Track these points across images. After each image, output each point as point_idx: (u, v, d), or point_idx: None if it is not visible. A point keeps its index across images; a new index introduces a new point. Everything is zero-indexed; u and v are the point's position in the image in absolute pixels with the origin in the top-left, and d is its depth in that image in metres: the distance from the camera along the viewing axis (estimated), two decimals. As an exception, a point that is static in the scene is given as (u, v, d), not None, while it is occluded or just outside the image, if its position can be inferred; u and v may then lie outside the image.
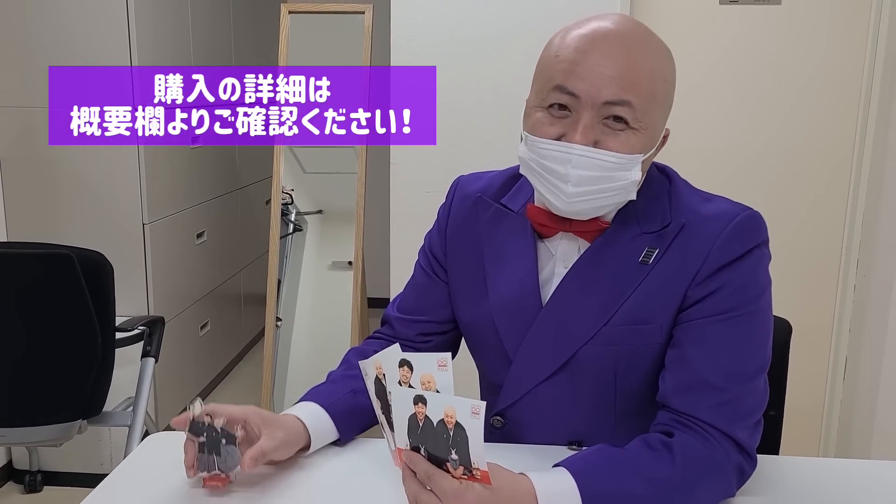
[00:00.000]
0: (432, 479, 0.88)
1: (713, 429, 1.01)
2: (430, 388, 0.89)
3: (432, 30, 2.35)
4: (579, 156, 1.00)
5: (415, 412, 0.88)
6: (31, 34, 2.61)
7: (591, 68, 0.99)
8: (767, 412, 1.37)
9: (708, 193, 1.13)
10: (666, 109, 1.06)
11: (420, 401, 0.87)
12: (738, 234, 1.05)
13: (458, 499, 0.87)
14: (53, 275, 1.92)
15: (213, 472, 1.00)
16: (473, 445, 0.85)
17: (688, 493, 0.98)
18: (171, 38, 2.94)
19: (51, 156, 2.68)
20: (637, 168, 1.02)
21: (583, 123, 1.00)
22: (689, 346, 1.04)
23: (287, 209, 2.93)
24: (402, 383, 0.91)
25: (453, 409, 0.86)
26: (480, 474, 0.87)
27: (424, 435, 0.88)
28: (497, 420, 1.19)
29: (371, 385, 0.96)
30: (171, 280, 2.97)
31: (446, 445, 0.87)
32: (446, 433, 0.86)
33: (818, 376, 2.51)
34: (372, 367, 0.95)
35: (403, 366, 0.90)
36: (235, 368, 3.79)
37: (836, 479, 1.10)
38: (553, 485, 0.93)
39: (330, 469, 1.10)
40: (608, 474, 0.95)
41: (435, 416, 0.87)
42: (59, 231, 2.70)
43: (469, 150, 2.38)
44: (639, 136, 1.01)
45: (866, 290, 2.37)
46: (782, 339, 1.38)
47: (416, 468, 0.90)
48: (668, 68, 1.05)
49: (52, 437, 2.03)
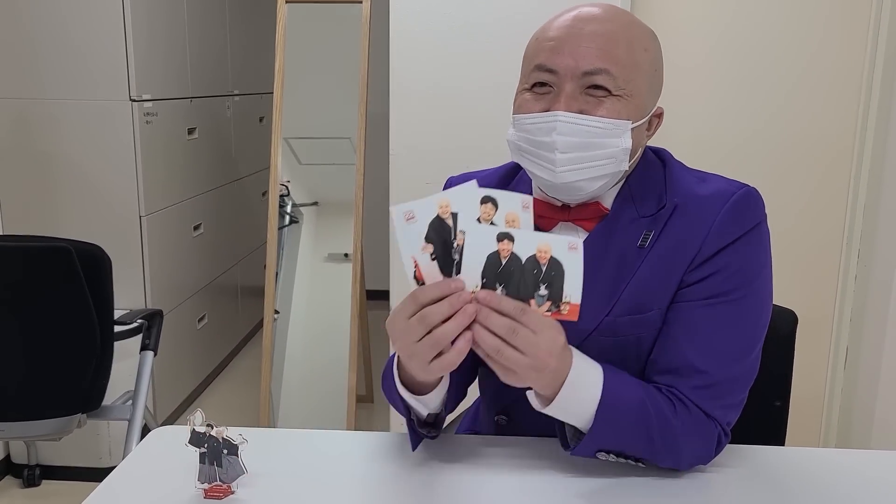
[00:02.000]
0: (526, 313, 0.88)
1: (696, 406, 1.04)
2: (514, 226, 0.88)
3: (431, 19, 2.33)
4: (564, 122, 1.00)
5: (498, 249, 0.87)
6: (25, 24, 2.58)
7: (570, 44, 1.01)
8: (772, 403, 1.39)
9: (703, 172, 1.12)
10: (651, 80, 1.05)
11: (506, 237, 0.87)
12: (735, 215, 1.05)
13: (553, 329, 0.90)
14: (52, 268, 1.91)
15: (214, 483, 0.99)
16: (571, 279, 0.87)
17: (679, 439, 1.02)
18: (166, 27, 2.91)
19: (47, 148, 2.66)
20: (627, 135, 1.02)
21: (565, 94, 1.01)
22: (678, 328, 1.05)
23: (283, 201, 2.91)
24: (481, 220, 0.89)
25: (548, 244, 0.87)
26: (570, 308, 0.89)
27: (507, 272, 0.88)
28: (501, 419, 1.19)
29: (420, 228, 0.90)
30: (168, 273, 2.96)
31: (535, 282, 0.87)
32: (537, 269, 0.86)
33: (819, 366, 2.51)
34: (432, 207, 0.89)
35: (487, 202, 0.89)
36: (233, 361, 3.78)
37: (837, 470, 1.10)
38: (583, 369, 0.97)
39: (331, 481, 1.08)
40: (631, 390, 1.00)
41: (524, 253, 0.87)
42: (55, 224, 2.68)
43: (469, 139, 2.37)
44: (623, 102, 1.01)
45: (867, 280, 2.38)
46: (788, 330, 1.38)
47: (502, 306, 0.88)
48: (649, 41, 1.06)
49: (50, 431, 2.02)
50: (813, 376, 2.51)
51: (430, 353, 0.90)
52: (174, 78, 2.99)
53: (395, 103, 2.37)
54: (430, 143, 2.38)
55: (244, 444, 0.99)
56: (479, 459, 1.09)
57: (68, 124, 2.65)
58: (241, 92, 3.72)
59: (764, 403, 1.37)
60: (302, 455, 1.12)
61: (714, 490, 1.04)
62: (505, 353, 0.88)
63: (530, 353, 0.88)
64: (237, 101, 3.68)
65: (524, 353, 0.88)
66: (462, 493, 1.02)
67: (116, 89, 2.63)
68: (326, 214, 2.98)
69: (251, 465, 1.02)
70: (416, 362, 0.91)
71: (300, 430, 1.22)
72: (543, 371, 0.91)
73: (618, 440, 1.00)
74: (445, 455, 1.11)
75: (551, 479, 1.04)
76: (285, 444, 1.17)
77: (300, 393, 2.78)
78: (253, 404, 3.18)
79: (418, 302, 0.89)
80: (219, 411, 3.25)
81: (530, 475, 1.06)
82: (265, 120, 3.99)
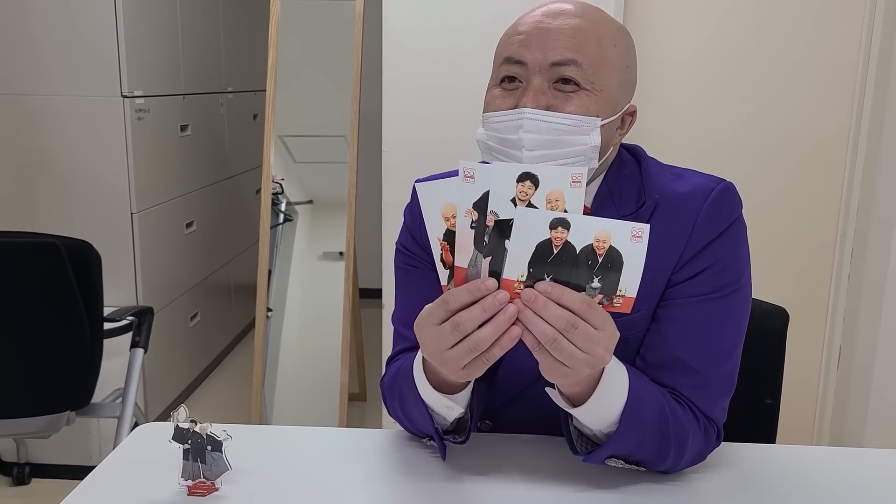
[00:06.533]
0: (592, 310, 0.82)
1: (695, 407, 1.03)
2: (557, 208, 0.79)
3: (424, 17, 2.32)
4: (530, 119, 0.97)
5: (550, 237, 0.79)
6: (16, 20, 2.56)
7: (539, 38, 1.00)
8: (764, 400, 1.38)
9: (678, 168, 1.11)
10: (622, 76, 1.03)
11: (560, 224, 0.78)
12: (716, 211, 1.04)
13: (612, 325, 0.84)
14: (40, 264, 1.89)
15: (198, 480, 0.98)
16: (630, 270, 0.79)
17: (689, 442, 1.01)
18: (158, 22, 2.90)
19: (37, 144, 2.64)
20: (596, 132, 0.99)
21: (532, 88, 0.99)
22: (668, 325, 1.04)
23: (277, 199, 2.90)
24: (517, 201, 0.80)
25: (608, 232, 0.78)
26: (623, 301, 0.81)
27: (558, 263, 0.79)
28: (485, 424, 1.18)
29: (476, 189, 0.81)
30: (160, 270, 2.94)
31: (588, 274, 0.79)
32: (592, 259, 0.79)
33: (812, 364, 2.51)
34: (491, 176, 0.81)
35: (525, 180, 0.79)
36: (226, 359, 3.76)
37: (830, 468, 1.10)
38: (613, 370, 0.94)
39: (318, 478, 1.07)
40: (651, 392, 0.99)
41: (581, 242, 0.79)
42: (45, 220, 2.67)
43: (461, 138, 2.36)
44: (593, 97, 0.99)
45: (861, 279, 2.37)
46: (779, 327, 1.37)
47: (565, 300, 0.81)
48: (620, 37, 1.03)
49: (39, 428, 2.01)
50: (806, 374, 2.50)
51: (466, 359, 0.84)
52: (167, 74, 2.98)
53: (387, 100, 2.36)
54: (422, 139, 2.37)
55: (228, 441, 0.98)
56: (470, 458, 1.08)
57: (59, 120, 2.63)
58: (235, 89, 3.71)
59: (755, 401, 1.36)
60: (288, 452, 1.11)
61: (705, 488, 1.03)
62: (562, 344, 0.82)
63: (588, 348, 0.83)
64: (230, 99, 3.66)
65: (581, 349, 0.83)
66: (453, 492, 1.01)
67: (108, 85, 2.61)
68: (321, 213, 2.97)
69: (236, 461, 1.01)
70: (450, 367, 0.87)
71: (286, 427, 1.21)
72: (596, 367, 0.86)
73: (638, 444, 0.98)
74: (435, 452, 1.10)
75: (544, 479, 1.03)
76: (272, 440, 1.16)
77: (293, 391, 2.77)
78: (246, 402, 3.17)
79: (449, 307, 0.83)
80: (211, 409, 3.24)
81: (521, 474, 1.04)
82: (259, 117, 3.98)
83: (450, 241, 0.83)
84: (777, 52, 2.35)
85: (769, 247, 2.40)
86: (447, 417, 1.03)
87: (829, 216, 2.43)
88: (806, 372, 2.50)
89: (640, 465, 1.02)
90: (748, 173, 2.39)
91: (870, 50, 2.29)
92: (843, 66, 2.34)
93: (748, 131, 2.40)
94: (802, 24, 2.33)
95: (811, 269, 2.46)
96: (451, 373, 0.88)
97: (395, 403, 1.11)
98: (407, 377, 1.03)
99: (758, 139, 2.40)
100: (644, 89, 2.45)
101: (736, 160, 2.41)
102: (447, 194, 0.82)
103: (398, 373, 1.09)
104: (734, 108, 2.39)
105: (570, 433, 1.01)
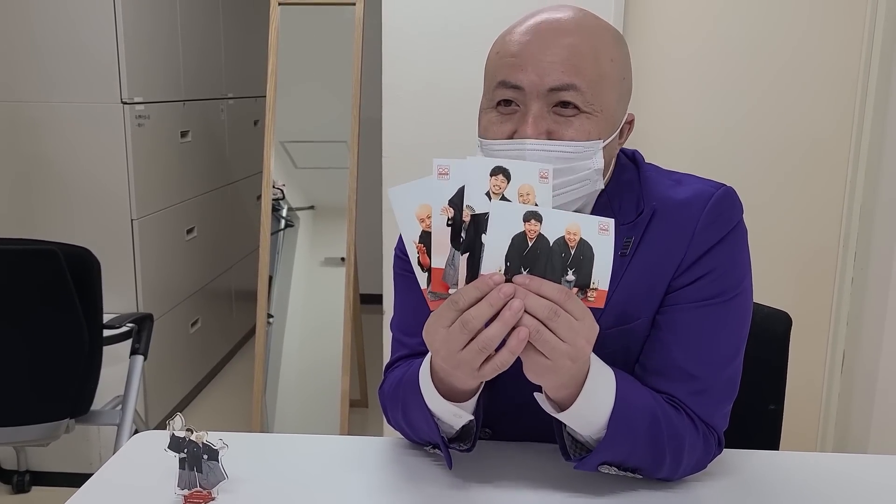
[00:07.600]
0: (571, 299, 0.82)
1: (694, 414, 1.02)
2: (528, 202, 0.81)
3: (424, 22, 2.31)
4: (532, 150, 0.95)
5: (524, 230, 0.80)
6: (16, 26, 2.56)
7: (532, 58, 0.96)
8: (767, 406, 1.37)
9: (677, 174, 1.10)
10: (620, 91, 1.01)
11: (533, 217, 0.79)
12: (716, 216, 1.03)
13: (591, 317, 0.84)
14: (39, 271, 1.89)
15: (194, 489, 0.97)
16: (601, 263, 0.81)
17: (685, 449, 1.00)
18: (158, 29, 2.90)
19: (37, 150, 2.64)
20: (598, 155, 0.98)
21: (532, 115, 0.96)
22: (667, 331, 1.03)
23: (278, 205, 2.90)
24: (492, 195, 0.81)
25: (577, 225, 0.80)
26: (597, 295, 0.83)
27: (533, 255, 0.81)
28: (485, 431, 1.17)
29: (451, 186, 0.83)
30: (160, 277, 2.94)
31: (562, 266, 0.81)
32: (565, 252, 0.80)
33: (816, 370, 2.49)
34: (468, 171, 0.82)
35: (498, 174, 0.81)
36: (226, 366, 3.75)
37: (833, 475, 1.08)
38: (599, 372, 0.93)
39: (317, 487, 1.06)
40: (642, 397, 0.98)
41: (553, 234, 0.80)
42: (45, 227, 2.67)
43: (461, 142, 2.35)
44: (594, 120, 0.97)
45: (864, 283, 2.36)
46: (782, 332, 1.36)
47: (544, 290, 0.81)
48: (615, 49, 1.01)
49: (38, 436, 2.00)
50: (810, 380, 2.49)
51: (479, 360, 0.83)
52: (167, 81, 2.97)
53: (387, 105, 2.36)
54: (422, 145, 2.36)
55: (224, 449, 0.97)
56: (473, 466, 1.07)
57: (59, 127, 2.63)
58: (236, 95, 3.71)
59: (759, 407, 1.35)
60: (286, 460, 1.10)
61: (707, 495, 1.02)
62: (544, 335, 0.82)
63: (569, 339, 0.82)
64: (231, 105, 3.66)
65: (563, 339, 0.82)
66: (457, 500, 1.00)
67: (108, 92, 2.61)
68: (323, 218, 2.97)
69: (234, 470, 1.00)
70: (464, 371, 0.85)
71: (285, 435, 1.20)
72: (578, 360, 0.85)
73: (630, 450, 0.97)
74: (437, 460, 1.09)
75: (547, 486, 1.02)
76: (270, 449, 1.15)
77: (294, 397, 2.76)
78: (247, 409, 3.16)
79: (459, 307, 0.82)
80: (211, 416, 3.23)
81: (525, 482, 1.03)
82: (259, 123, 3.97)
83: (426, 243, 0.83)
84: (778, 52, 2.34)
85: (771, 250, 2.39)
86: (453, 426, 1.02)
87: (832, 218, 2.42)
88: (809, 377, 2.49)
89: (635, 472, 1.01)
90: (749, 175, 2.39)
91: (871, 50, 2.28)
92: (844, 66, 2.33)
93: (749, 133, 2.39)
94: (803, 24, 2.32)
95: (814, 273, 2.45)
96: (466, 375, 0.86)
97: (396, 413, 1.09)
98: (411, 386, 1.02)
99: (759, 140, 2.39)
100: (645, 90, 2.45)
101: (737, 162, 2.40)
102: (420, 196, 0.83)
103: (400, 382, 1.07)
104: (735, 109, 2.38)
105: (563, 439, 1.00)
